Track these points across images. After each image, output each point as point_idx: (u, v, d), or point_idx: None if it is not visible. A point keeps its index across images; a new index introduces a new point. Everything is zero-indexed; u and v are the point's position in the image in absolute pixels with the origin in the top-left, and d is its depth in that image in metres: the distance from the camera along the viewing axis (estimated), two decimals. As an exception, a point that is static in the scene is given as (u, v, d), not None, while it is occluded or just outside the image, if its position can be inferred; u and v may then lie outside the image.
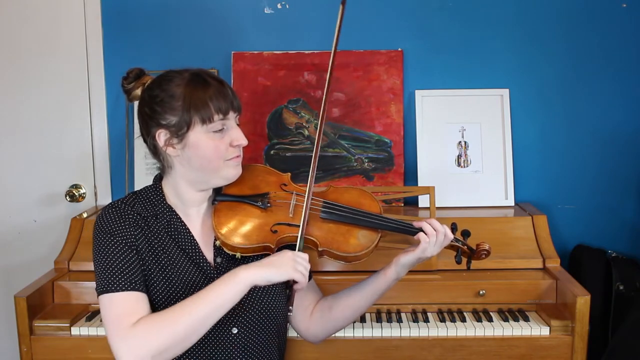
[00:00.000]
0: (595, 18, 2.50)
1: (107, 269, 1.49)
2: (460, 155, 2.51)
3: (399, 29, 2.52)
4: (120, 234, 1.53)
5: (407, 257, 1.63)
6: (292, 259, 1.49)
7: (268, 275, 1.47)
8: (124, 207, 1.58)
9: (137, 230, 1.55)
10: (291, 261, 1.49)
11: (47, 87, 2.57)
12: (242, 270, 1.46)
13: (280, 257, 1.49)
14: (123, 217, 1.55)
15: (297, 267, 1.49)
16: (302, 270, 1.50)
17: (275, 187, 1.67)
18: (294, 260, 1.49)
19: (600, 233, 2.55)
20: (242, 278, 1.45)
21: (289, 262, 1.48)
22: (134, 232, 1.54)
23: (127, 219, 1.55)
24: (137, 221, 1.57)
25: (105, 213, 1.56)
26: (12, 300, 1.97)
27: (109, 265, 1.49)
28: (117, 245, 1.51)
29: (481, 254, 1.71)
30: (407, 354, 1.97)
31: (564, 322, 1.96)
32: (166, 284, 1.54)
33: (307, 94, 2.51)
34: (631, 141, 2.54)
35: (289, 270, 1.48)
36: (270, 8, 2.54)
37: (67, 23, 2.54)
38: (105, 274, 1.49)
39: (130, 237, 1.53)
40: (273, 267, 1.47)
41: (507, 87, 2.52)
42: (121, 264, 1.50)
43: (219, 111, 1.52)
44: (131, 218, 1.56)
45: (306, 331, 1.75)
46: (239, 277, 1.45)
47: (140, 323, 1.42)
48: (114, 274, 1.48)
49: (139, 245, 1.54)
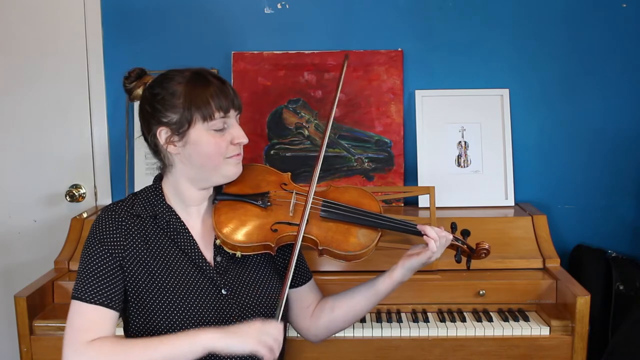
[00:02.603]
0: (595, 18, 2.50)
1: (87, 277, 1.50)
2: (460, 155, 2.51)
3: (399, 29, 2.52)
4: (109, 243, 1.53)
5: (413, 261, 1.63)
6: (258, 330, 1.45)
7: (229, 343, 1.43)
8: (121, 211, 1.58)
9: (127, 240, 1.55)
10: (257, 333, 1.44)
11: (47, 87, 2.57)
12: (203, 332, 1.45)
13: (246, 327, 1.46)
14: (116, 224, 1.55)
15: (261, 339, 1.43)
16: (268, 342, 1.44)
17: (275, 186, 1.68)
18: (260, 332, 1.44)
19: (600, 233, 2.55)
20: (202, 340, 1.44)
21: (254, 333, 1.44)
22: (124, 243, 1.54)
23: (121, 227, 1.55)
24: (131, 227, 1.56)
25: (101, 217, 1.56)
26: (12, 300, 1.97)
27: (90, 274, 1.50)
28: (103, 256, 1.52)
29: (481, 253, 1.71)
30: (407, 354, 1.97)
31: (564, 322, 1.96)
32: (161, 285, 1.54)
33: (307, 94, 2.51)
34: (631, 141, 2.54)
35: (251, 343, 1.43)
36: (270, 8, 2.54)
37: (67, 23, 2.54)
38: (84, 281, 1.50)
39: (119, 249, 1.53)
40: (236, 337, 1.44)
41: (507, 87, 2.52)
42: (102, 277, 1.50)
43: (220, 109, 1.53)
44: (125, 225, 1.56)
45: (307, 331, 1.75)
46: (198, 338, 1.44)
47: (95, 345, 1.44)
48: (92, 284, 1.49)
49: (127, 256, 1.54)
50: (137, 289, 1.53)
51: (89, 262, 1.52)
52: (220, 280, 1.58)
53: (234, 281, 1.60)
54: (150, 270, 1.55)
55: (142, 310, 1.53)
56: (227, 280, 1.59)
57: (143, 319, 1.53)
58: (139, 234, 1.56)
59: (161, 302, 1.53)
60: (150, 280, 1.54)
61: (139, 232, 1.57)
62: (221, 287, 1.57)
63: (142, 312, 1.53)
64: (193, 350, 1.43)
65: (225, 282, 1.58)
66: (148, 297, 1.53)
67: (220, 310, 1.56)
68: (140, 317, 1.53)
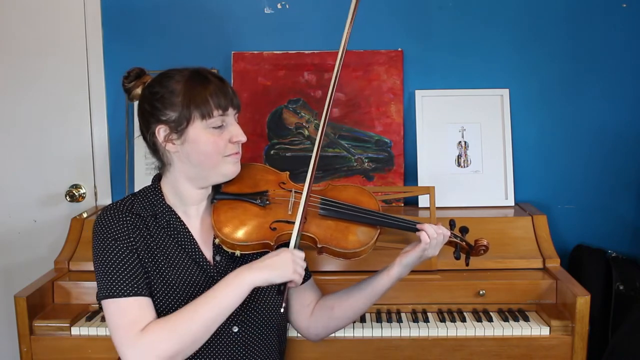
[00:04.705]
0: (595, 18, 2.50)
1: (111, 274, 1.49)
2: (460, 155, 2.50)
3: (399, 29, 2.52)
4: (121, 237, 1.53)
5: (408, 257, 1.64)
6: (291, 260, 1.50)
7: (269, 277, 1.48)
8: (122, 209, 1.58)
9: (135, 233, 1.55)
10: (291, 263, 1.49)
11: (47, 86, 2.57)
12: (244, 272, 1.47)
13: (280, 259, 1.50)
14: (122, 220, 1.55)
15: (296, 269, 1.50)
16: (300, 271, 1.51)
17: (274, 185, 1.68)
18: (293, 262, 1.50)
19: (600, 233, 2.55)
20: (245, 280, 1.46)
21: (289, 264, 1.49)
22: (133, 235, 1.54)
23: (126, 222, 1.55)
24: (136, 223, 1.57)
25: (104, 216, 1.56)
26: (12, 300, 1.97)
27: (112, 271, 1.49)
28: (119, 249, 1.51)
29: (480, 250, 1.71)
30: (407, 354, 1.97)
31: (564, 322, 1.95)
32: (166, 283, 1.54)
33: (307, 94, 2.51)
34: (631, 141, 2.54)
35: (288, 273, 1.49)
36: (270, 8, 2.54)
37: (67, 23, 2.54)
38: (108, 279, 1.49)
39: (130, 240, 1.54)
40: (274, 269, 1.48)
41: (507, 87, 2.52)
42: (124, 269, 1.50)
43: (218, 107, 1.53)
44: (129, 220, 1.56)
45: (307, 330, 1.75)
46: (241, 279, 1.46)
47: (148, 330, 1.43)
48: (118, 279, 1.49)
49: (139, 247, 1.54)
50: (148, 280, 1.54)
51: (109, 260, 1.50)
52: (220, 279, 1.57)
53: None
54: (157, 263, 1.55)
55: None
56: (227, 279, 1.59)
57: None
58: (140, 231, 1.56)
59: (163, 299, 1.53)
60: (158, 273, 1.54)
61: (140, 229, 1.57)
62: (221, 287, 1.57)
63: None
64: (242, 292, 1.46)
65: (225, 282, 1.58)
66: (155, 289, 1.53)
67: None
68: None
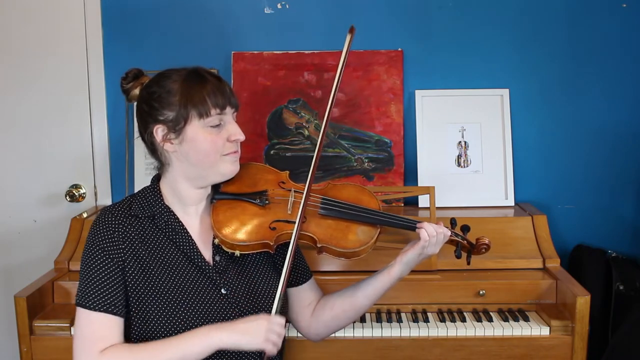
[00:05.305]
0: (595, 18, 2.50)
1: (91, 284, 1.51)
2: (460, 155, 2.50)
3: (399, 29, 2.52)
4: (109, 249, 1.53)
5: (408, 255, 1.64)
6: (265, 328, 1.47)
7: (238, 341, 1.47)
8: (118, 213, 1.57)
9: (125, 243, 1.55)
10: (264, 331, 1.47)
11: (47, 87, 2.56)
12: (214, 330, 1.48)
13: (253, 325, 1.48)
14: (115, 228, 1.55)
15: (269, 338, 1.47)
16: (274, 340, 1.48)
17: (273, 184, 1.68)
18: (267, 331, 1.47)
19: (600, 233, 2.55)
20: (213, 338, 1.47)
21: (261, 332, 1.47)
22: (122, 246, 1.54)
23: (119, 230, 1.55)
24: (129, 229, 1.56)
25: (98, 222, 1.56)
26: (12, 300, 1.97)
27: (93, 281, 1.51)
28: (104, 262, 1.52)
29: (481, 248, 1.71)
30: (407, 354, 1.97)
31: (564, 322, 1.95)
32: (160, 285, 1.54)
33: (307, 94, 2.51)
34: (631, 141, 2.54)
35: (259, 341, 1.47)
36: (270, 8, 2.54)
37: (67, 23, 2.54)
38: (87, 288, 1.51)
39: (119, 252, 1.53)
40: (244, 335, 1.47)
41: (507, 87, 2.52)
42: (105, 284, 1.51)
43: (216, 106, 1.53)
44: (122, 227, 1.56)
45: (307, 329, 1.75)
46: (209, 336, 1.47)
47: (108, 353, 1.47)
48: (96, 292, 1.50)
49: (127, 259, 1.54)
50: (138, 290, 1.53)
51: (91, 269, 1.52)
52: (219, 280, 1.58)
53: (233, 280, 1.59)
54: (149, 271, 1.54)
55: (143, 311, 1.53)
56: (227, 279, 1.59)
57: (144, 320, 1.53)
58: (137, 235, 1.56)
59: (161, 303, 1.53)
60: (150, 281, 1.54)
61: (137, 233, 1.56)
62: (221, 287, 1.57)
63: (143, 313, 1.53)
64: (204, 351, 1.47)
65: (225, 282, 1.58)
66: (148, 298, 1.53)
67: (220, 310, 1.55)
68: (141, 318, 1.53)
